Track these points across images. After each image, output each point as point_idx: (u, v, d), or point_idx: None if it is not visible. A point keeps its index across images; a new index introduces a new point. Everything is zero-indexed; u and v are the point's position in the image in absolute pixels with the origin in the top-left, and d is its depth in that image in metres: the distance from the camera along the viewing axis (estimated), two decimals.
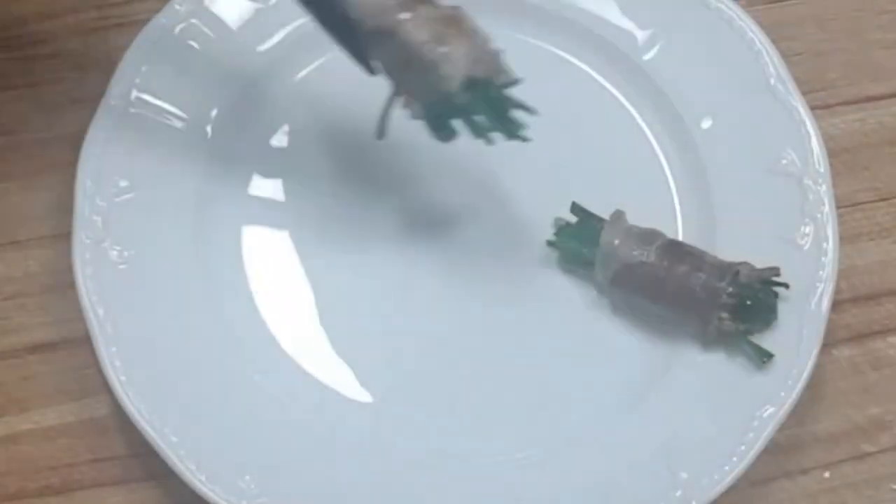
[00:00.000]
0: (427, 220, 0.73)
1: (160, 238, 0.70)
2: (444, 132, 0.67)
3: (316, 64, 0.77)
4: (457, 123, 0.66)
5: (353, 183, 0.74)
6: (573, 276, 0.71)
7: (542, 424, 0.67)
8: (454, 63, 0.62)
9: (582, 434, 0.66)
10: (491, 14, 0.77)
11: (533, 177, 0.74)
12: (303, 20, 0.75)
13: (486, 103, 0.65)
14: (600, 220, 0.71)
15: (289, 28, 0.77)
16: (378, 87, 0.70)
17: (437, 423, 0.67)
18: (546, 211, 0.72)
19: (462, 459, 0.66)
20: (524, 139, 0.66)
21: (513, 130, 0.66)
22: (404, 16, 0.63)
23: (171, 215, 0.71)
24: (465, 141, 0.75)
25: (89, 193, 0.70)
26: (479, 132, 0.66)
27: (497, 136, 0.66)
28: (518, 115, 0.65)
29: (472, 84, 0.63)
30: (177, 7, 0.75)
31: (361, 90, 0.67)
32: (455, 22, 0.64)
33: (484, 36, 0.64)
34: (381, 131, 0.67)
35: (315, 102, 0.76)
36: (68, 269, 0.68)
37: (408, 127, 0.73)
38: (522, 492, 0.64)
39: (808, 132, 0.73)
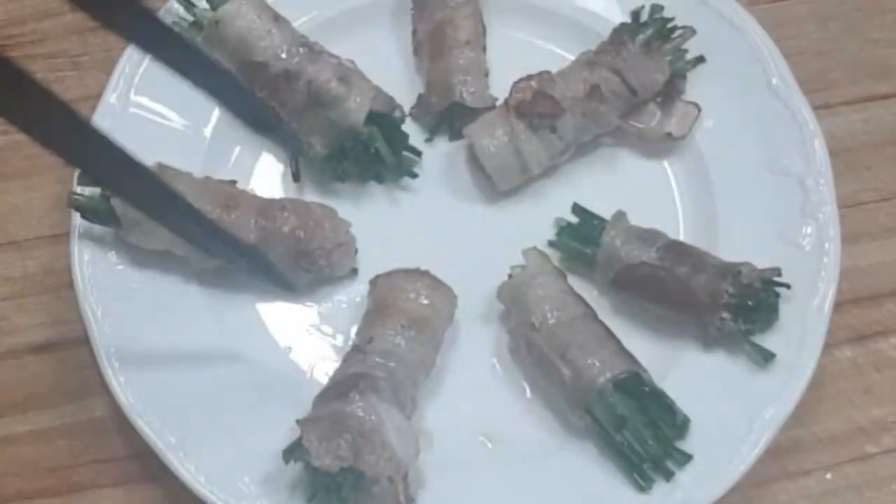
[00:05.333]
0: (428, 221, 0.73)
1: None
2: (339, 170, 0.73)
3: None
4: (351, 163, 0.72)
5: (354, 184, 0.74)
6: (574, 276, 0.70)
7: (542, 424, 0.67)
8: (358, 98, 0.70)
9: (583, 434, 0.66)
10: (491, 14, 0.78)
11: (533, 177, 0.74)
12: (302, 20, 0.75)
13: (385, 137, 0.72)
14: (601, 220, 0.70)
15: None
16: (377, 79, 0.72)
17: (432, 423, 0.67)
18: (547, 211, 0.72)
19: (462, 457, 0.66)
20: (414, 176, 0.73)
21: (406, 166, 0.73)
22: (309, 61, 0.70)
23: None
24: (464, 142, 0.75)
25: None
26: (374, 167, 0.73)
27: (387, 174, 0.73)
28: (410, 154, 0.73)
29: (374, 118, 0.71)
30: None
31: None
32: (353, 70, 0.72)
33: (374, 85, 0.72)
34: (296, 176, 0.72)
35: None
36: (67, 270, 0.68)
37: (408, 128, 0.73)
38: (522, 491, 0.64)
39: (809, 132, 0.72)
